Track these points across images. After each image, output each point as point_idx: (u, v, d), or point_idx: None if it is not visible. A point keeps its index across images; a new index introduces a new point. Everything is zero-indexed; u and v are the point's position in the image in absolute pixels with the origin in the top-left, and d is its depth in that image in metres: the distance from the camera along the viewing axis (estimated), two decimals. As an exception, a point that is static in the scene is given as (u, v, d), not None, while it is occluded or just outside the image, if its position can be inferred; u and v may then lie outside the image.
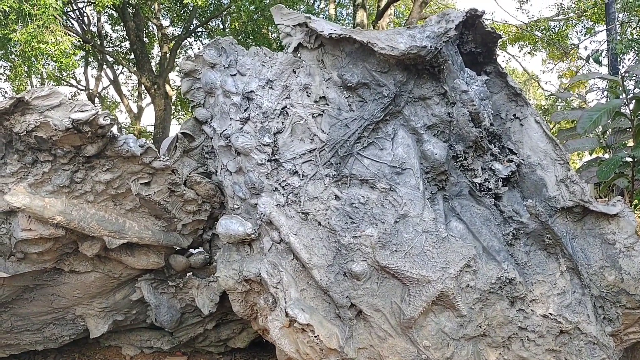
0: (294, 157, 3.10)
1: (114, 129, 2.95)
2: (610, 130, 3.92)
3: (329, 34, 2.95)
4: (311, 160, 3.09)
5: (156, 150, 3.17)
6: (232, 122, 3.23)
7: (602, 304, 3.16)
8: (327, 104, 3.09)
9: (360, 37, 2.90)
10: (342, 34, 2.93)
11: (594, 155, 4.39)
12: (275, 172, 3.13)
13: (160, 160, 3.22)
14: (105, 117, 2.82)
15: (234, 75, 3.27)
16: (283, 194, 3.12)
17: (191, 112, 3.51)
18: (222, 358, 4.94)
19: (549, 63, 19.18)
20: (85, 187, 3.22)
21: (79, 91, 25.65)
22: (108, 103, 27.14)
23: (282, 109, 3.14)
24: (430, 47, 2.80)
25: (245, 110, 3.20)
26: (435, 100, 3.04)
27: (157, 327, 4.44)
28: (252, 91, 3.18)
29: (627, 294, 3.11)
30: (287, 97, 3.15)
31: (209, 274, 4.08)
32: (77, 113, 2.73)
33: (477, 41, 3.12)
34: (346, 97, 3.09)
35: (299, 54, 3.19)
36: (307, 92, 3.14)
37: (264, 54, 3.25)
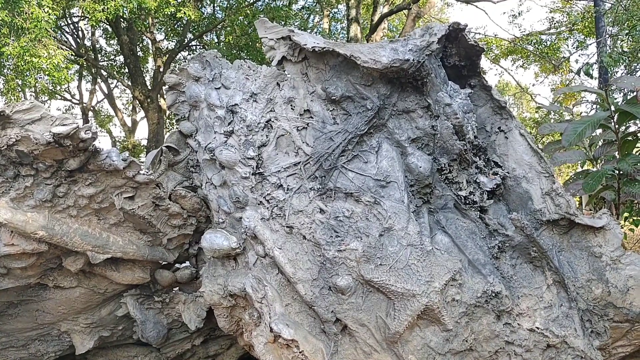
0: (279, 171, 3.09)
1: (96, 143, 2.93)
2: (600, 141, 3.92)
3: (312, 47, 2.95)
4: (296, 173, 3.08)
5: (140, 164, 3.15)
6: (216, 135, 3.22)
7: (589, 317, 3.14)
8: (312, 117, 3.09)
9: (343, 50, 2.90)
10: (325, 47, 2.94)
11: (585, 167, 4.40)
12: (260, 186, 3.12)
13: (144, 174, 3.20)
14: (86, 130, 2.80)
15: (218, 88, 3.27)
16: (268, 208, 3.10)
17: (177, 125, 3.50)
18: (211, 374, 4.89)
19: (542, 76, 19.31)
20: (68, 201, 3.19)
21: (73, 105, 25.68)
22: (102, 117, 27.14)
23: (267, 122, 3.14)
24: (413, 60, 2.80)
25: (229, 124, 3.19)
26: (419, 113, 3.04)
27: (145, 343, 4.38)
28: (236, 104, 3.17)
29: (614, 307, 3.09)
30: (271, 110, 3.15)
31: (195, 288, 4.04)
32: (58, 127, 2.71)
33: (460, 54, 3.12)
34: (330, 110, 3.09)
35: (283, 67, 3.19)
36: (291, 105, 3.13)
37: (248, 67, 3.25)
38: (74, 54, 16.56)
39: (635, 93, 3.04)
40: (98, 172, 3.13)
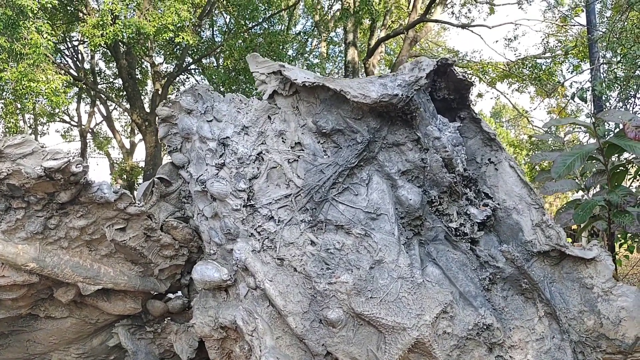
0: (270, 203, 3.10)
1: (88, 176, 2.94)
2: (591, 170, 3.94)
3: (303, 82, 2.99)
4: (287, 205, 3.09)
5: (131, 196, 3.17)
6: (208, 167, 3.24)
7: (582, 349, 3.13)
8: (303, 150, 3.11)
9: (333, 85, 2.94)
10: (315, 82, 2.97)
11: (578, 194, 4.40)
12: (251, 218, 3.13)
13: (135, 206, 3.21)
14: (77, 164, 2.82)
15: (210, 121, 3.30)
16: (259, 240, 3.10)
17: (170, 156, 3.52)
18: (204, 404, 4.83)
19: (537, 100, 19.45)
20: (59, 233, 3.20)
21: (72, 127, 25.78)
22: (100, 139, 27.22)
23: (258, 154, 3.16)
24: (402, 95, 2.84)
25: (220, 156, 3.21)
26: (409, 146, 3.06)
27: (136, 373, 4.35)
28: (227, 137, 3.20)
29: (607, 338, 3.08)
30: (262, 143, 3.17)
31: (187, 319, 4.02)
32: (49, 161, 2.73)
33: (450, 88, 3.16)
34: (321, 143, 3.11)
35: (274, 101, 3.22)
36: (282, 138, 3.16)
37: (240, 100, 3.29)
38: (72, 77, 16.67)
39: (622, 127, 3.08)
40: (89, 204, 3.14)
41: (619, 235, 4.49)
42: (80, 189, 3.01)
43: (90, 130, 24.93)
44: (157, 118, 3.44)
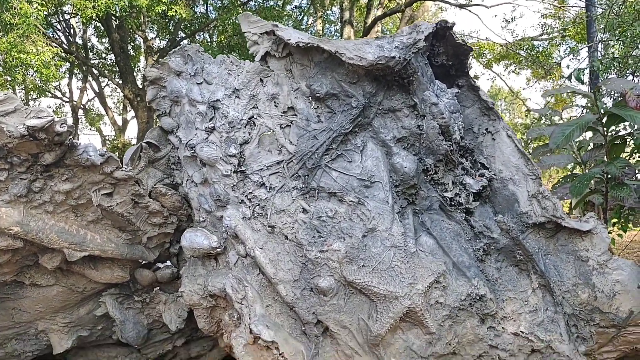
0: (261, 169, 3.02)
1: (75, 138, 2.85)
2: (589, 145, 3.89)
3: (297, 42, 2.89)
4: (279, 172, 3.01)
5: (118, 160, 3.07)
6: (197, 131, 3.15)
7: (575, 322, 3.09)
8: (296, 115, 3.03)
9: (328, 46, 2.84)
10: (309, 43, 2.88)
11: (575, 171, 4.35)
12: (242, 184, 3.05)
13: (122, 170, 3.11)
14: (62, 124, 2.72)
15: (200, 83, 3.20)
16: (249, 207, 3.03)
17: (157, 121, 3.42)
18: (193, 376, 4.80)
19: (534, 82, 19.35)
20: (44, 197, 3.10)
21: (63, 103, 25.47)
22: (92, 115, 26.94)
23: (249, 119, 3.07)
24: (399, 57, 2.75)
25: (210, 120, 3.12)
26: (405, 112, 2.98)
27: (125, 343, 4.30)
28: (217, 100, 3.10)
29: (600, 312, 3.04)
30: (254, 107, 3.08)
31: (176, 288, 3.95)
32: (32, 119, 2.63)
33: (448, 53, 3.07)
34: (315, 108, 3.03)
35: (266, 63, 3.12)
36: (274, 102, 3.07)
37: (231, 62, 3.18)
38: (63, 51, 16.39)
39: (624, 96, 3.00)
40: (75, 167, 3.05)
41: (613, 214, 4.45)
42: (65, 150, 2.92)
43: (82, 106, 24.64)
44: (145, 80, 3.33)
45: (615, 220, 4.47)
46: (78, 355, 4.64)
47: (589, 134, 4.27)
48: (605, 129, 3.27)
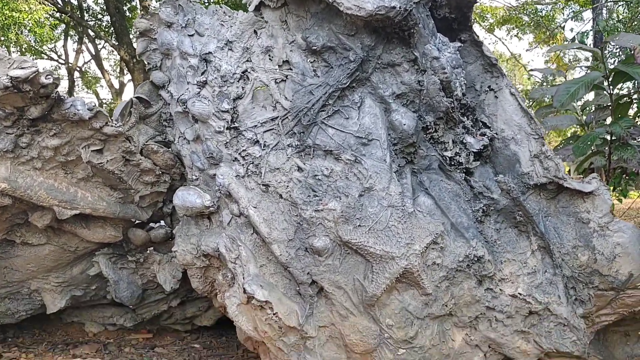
0: (255, 126, 2.92)
1: (61, 90, 2.74)
2: (592, 107, 3.79)
3: (292, -9, 2.76)
4: (273, 129, 2.91)
5: (107, 115, 2.97)
6: (189, 86, 3.03)
7: (574, 284, 3.05)
8: (291, 69, 2.91)
9: (325, -5, 2.71)
10: (306, -8, 2.74)
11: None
12: (235, 141, 2.95)
13: (112, 126, 3.02)
14: (47, 75, 2.61)
15: (192, 35, 3.06)
16: (243, 165, 2.94)
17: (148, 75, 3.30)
18: (190, 336, 4.81)
19: (536, 45, 19.05)
20: (32, 152, 3.02)
21: (59, 65, 25.11)
22: (89, 77, 26.60)
23: (243, 72, 2.95)
24: (400, 7, 2.62)
25: (202, 74, 3.00)
26: (405, 67, 2.87)
27: (120, 303, 4.28)
28: (210, 53, 2.98)
29: (600, 275, 3.00)
30: (247, 60, 2.96)
31: (170, 249, 3.90)
32: (15, 70, 2.52)
33: (451, 5, 2.94)
34: (311, 62, 2.91)
35: (260, 14, 2.99)
36: (269, 55, 2.95)
37: (224, 12, 3.05)
38: (57, 10, 16.04)
39: (633, 52, 2.89)
40: (63, 122, 2.95)
41: (613, 179, 4.38)
42: (51, 104, 2.81)
43: (77, 69, 24.30)
44: (134, 30, 3.20)
45: (613, 187, 4.41)
46: (73, 315, 4.64)
47: (591, 95, 4.17)
48: (611, 87, 3.17)
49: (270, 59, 2.95)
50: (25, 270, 3.78)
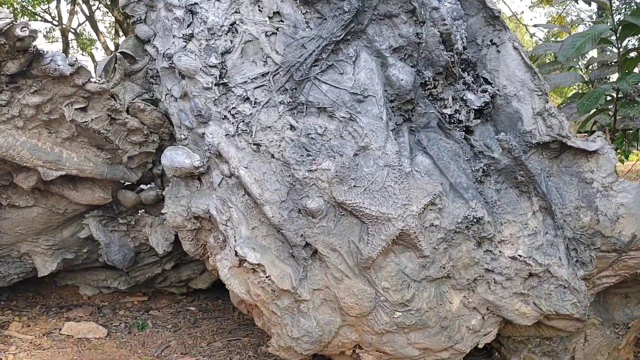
0: (245, 82, 2.78)
1: (39, 44, 2.59)
2: (596, 64, 3.64)
3: (283, -64, 2.58)
4: (264, 85, 2.77)
5: (90, 70, 2.83)
6: (175, 39, 2.87)
7: (575, 246, 2.97)
8: (282, 21, 2.75)
9: (318, -60, 2.54)
10: (297, -63, 2.56)
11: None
12: (224, 98, 2.81)
13: (95, 83, 2.88)
14: (23, 27, 2.46)
15: (177, -15, 2.89)
16: (233, 123, 2.81)
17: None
18: (185, 299, 4.79)
19: (538, 6, 18.60)
20: (12, 111, 2.88)
21: (54, 27, 24.59)
22: (84, 39, 26.11)
23: (231, 25, 2.79)
24: (397, -47, 2.45)
25: (188, 26, 2.84)
26: (403, 18, 2.71)
27: (114, 266, 4.22)
28: (195, 3, 2.80)
29: (602, 236, 2.91)
30: (236, 12, 2.79)
31: (161, 211, 3.82)
32: (-13, 22, 2.37)
33: (452, -47, 2.76)
34: (303, 13, 2.75)
35: (249, -39, 2.81)
36: (259, 6, 2.78)
37: (210, -40, 2.87)
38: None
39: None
40: (43, 78, 2.80)
41: (617, 139, 4.26)
42: (30, 58, 2.67)
43: (72, 30, 23.82)
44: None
45: (617, 145, 4.30)
46: (67, 279, 4.60)
47: (594, 53, 4.01)
48: (618, 41, 3.01)
49: (260, 10, 2.78)
50: (13, 233, 3.69)
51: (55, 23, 23.89)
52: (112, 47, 23.06)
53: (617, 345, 3.37)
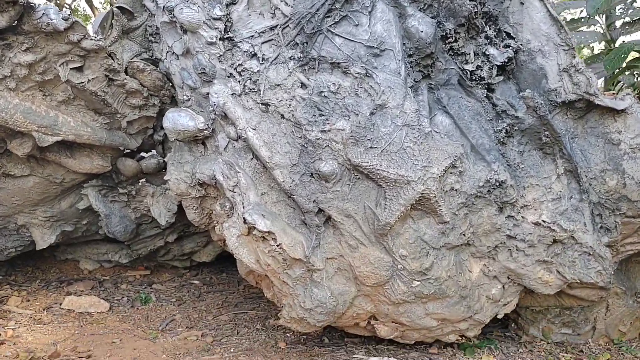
0: (252, 36, 2.59)
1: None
2: (622, 19, 3.44)
3: None
4: (272, 39, 2.58)
5: (85, 26, 2.63)
6: (176, -9, 2.68)
7: (600, 211, 2.82)
8: (291, -32, 2.55)
9: None
10: None
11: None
12: (230, 54, 2.62)
13: (91, 40, 2.68)
14: (9, -26, 2.27)
15: None
16: (239, 81, 2.63)
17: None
18: (189, 273, 4.65)
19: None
20: (4, 70, 2.70)
21: (48, 1, 24.18)
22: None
23: (236, -27, 2.59)
24: None
25: (190, -25, 2.64)
26: (422, -36, 2.51)
27: (115, 239, 4.07)
28: (198, -50, 2.61)
29: (628, 200, 2.76)
30: (241, -41, 2.59)
31: (164, 180, 3.65)
32: (-30, -32, 2.17)
33: None
34: (314, -41, 2.54)
35: None
36: (266, -48, 2.58)
37: None
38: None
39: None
40: (35, 34, 2.61)
41: None
42: (20, 12, 2.47)
43: (67, 6, 23.41)
44: None
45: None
46: (67, 252, 4.46)
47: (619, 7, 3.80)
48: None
49: (267, -44, 2.58)
50: (10, 204, 3.53)
51: (49, -1, 23.53)
52: (107, 23, 22.68)
53: (639, 315, 3.25)
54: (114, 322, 3.51)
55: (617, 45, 3.28)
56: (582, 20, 3.13)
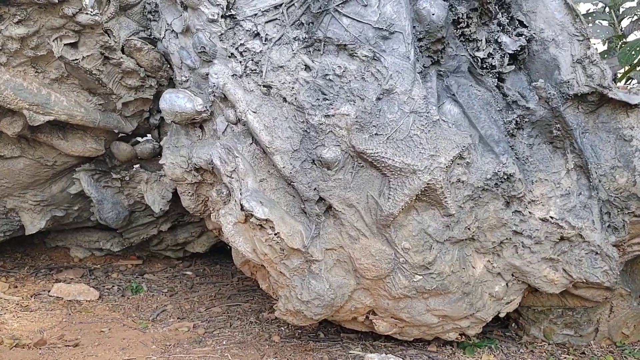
0: (255, 15, 2.48)
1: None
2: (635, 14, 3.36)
3: None
4: (276, 19, 2.47)
5: (82, 1, 2.52)
6: (176, -35, 2.57)
7: (608, 209, 2.73)
8: (298, -56, 2.45)
9: None
10: None
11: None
12: (231, 33, 2.51)
13: (87, 14, 2.57)
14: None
15: None
16: (241, 62, 2.52)
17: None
18: (181, 263, 4.55)
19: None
20: (-6, 44, 2.58)
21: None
22: None
23: (240, -53, 2.48)
24: None
25: (192, -52, 2.53)
26: (435, -56, 2.41)
27: (107, 227, 3.96)
28: None
29: (638, 199, 2.69)
30: None
31: (159, 166, 3.54)
32: None
33: None
34: None
35: None
36: None
37: None
38: None
39: None
40: (28, 6, 2.49)
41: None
42: (12, -19, 2.36)
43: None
44: None
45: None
46: (57, 240, 4.35)
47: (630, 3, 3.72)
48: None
49: None
50: (-2, 186, 3.42)
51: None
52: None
53: (643, 318, 3.17)
54: (104, 311, 3.40)
55: (629, 40, 3.20)
56: (594, 14, 3.04)
